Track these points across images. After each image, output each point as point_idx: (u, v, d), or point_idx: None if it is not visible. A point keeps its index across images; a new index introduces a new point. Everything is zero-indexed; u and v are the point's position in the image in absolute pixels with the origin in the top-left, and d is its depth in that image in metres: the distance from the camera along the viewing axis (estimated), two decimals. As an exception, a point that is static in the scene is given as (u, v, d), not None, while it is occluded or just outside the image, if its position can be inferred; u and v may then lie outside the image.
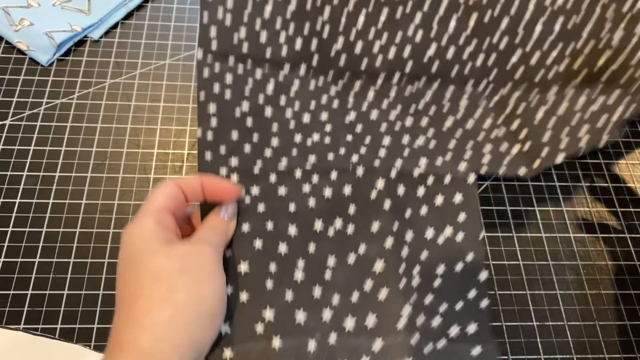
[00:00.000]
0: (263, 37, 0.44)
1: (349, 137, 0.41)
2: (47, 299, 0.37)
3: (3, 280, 0.38)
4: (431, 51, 0.45)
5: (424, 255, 0.36)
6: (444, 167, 0.40)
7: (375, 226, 0.36)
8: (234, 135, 0.39)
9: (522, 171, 0.41)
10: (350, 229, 0.36)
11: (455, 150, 0.42)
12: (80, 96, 0.46)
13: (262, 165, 0.38)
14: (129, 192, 0.42)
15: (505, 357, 0.38)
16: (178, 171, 0.43)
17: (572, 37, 0.46)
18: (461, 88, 0.46)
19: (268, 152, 0.39)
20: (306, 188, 0.37)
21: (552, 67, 0.46)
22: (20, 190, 0.41)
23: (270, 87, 0.42)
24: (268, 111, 0.41)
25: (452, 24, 0.45)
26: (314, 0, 0.45)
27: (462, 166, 0.40)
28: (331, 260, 0.35)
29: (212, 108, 0.39)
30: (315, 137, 0.40)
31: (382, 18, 0.45)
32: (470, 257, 0.36)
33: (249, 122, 0.40)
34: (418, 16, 0.45)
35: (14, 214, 0.40)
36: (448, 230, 0.37)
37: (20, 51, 0.47)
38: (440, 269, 0.36)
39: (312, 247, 0.35)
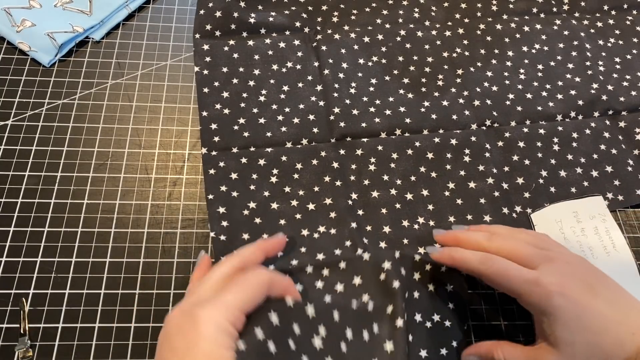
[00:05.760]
0: (262, 119, 0.45)
1: (354, 225, 0.41)
2: (49, 298, 0.37)
3: (5, 279, 0.38)
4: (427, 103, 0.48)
5: (410, 337, 0.37)
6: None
7: (389, 308, 0.36)
8: (245, 236, 0.40)
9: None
10: (370, 305, 0.36)
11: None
12: (82, 97, 0.46)
13: (274, 267, 0.39)
14: (131, 192, 0.42)
15: (505, 356, 0.38)
16: (179, 171, 0.43)
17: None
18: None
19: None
20: (319, 284, 0.38)
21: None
22: (22, 190, 0.41)
23: (275, 172, 0.43)
24: (274, 205, 0.42)
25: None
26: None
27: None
28: (349, 333, 0.35)
29: (221, 209, 0.41)
30: (322, 228, 0.41)
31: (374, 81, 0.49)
32: (454, 344, 0.37)
33: (258, 220, 0.41)
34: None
35: (15, 214, 0.40)
36: (436, 317, 0.38)
37: (22, 52, 0.48)
38: (423, 353, 0.36)
39: (336, 315, 0.35)
